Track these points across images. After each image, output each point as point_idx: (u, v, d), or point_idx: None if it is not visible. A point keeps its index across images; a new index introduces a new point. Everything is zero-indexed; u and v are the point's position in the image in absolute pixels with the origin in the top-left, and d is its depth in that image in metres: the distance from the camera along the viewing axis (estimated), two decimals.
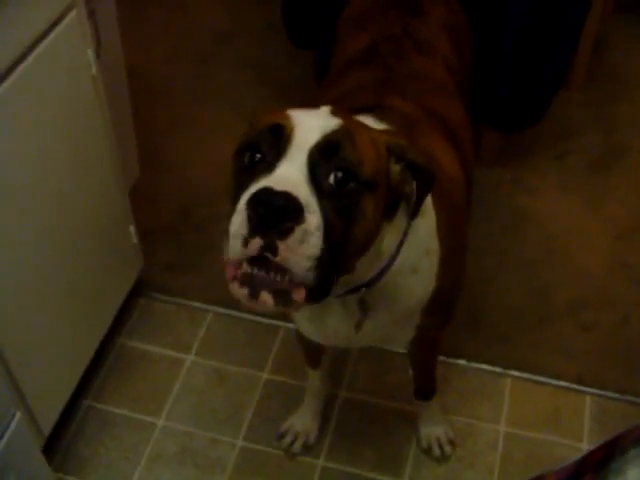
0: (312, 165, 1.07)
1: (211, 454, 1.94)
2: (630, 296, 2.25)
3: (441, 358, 1.94)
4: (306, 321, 1.47)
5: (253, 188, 1.04)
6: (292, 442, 1.94)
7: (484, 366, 2.09)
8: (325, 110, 1.17)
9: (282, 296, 1.06)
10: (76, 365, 1.93)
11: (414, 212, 1.24)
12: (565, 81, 2.64)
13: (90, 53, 1.72)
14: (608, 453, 1.34)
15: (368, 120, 1.27)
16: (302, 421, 1.95)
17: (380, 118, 1.34)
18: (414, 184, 1.21)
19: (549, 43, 2.28)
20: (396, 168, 1.18)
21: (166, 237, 2.42)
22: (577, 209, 2.49)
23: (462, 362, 2.10)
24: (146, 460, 1.93)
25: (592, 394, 2.03)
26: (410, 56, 1.73)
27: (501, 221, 2.45)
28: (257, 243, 1.02)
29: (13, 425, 1.56)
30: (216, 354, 2.14)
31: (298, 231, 1.02)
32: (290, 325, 2.03)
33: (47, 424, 1.80)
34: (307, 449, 1.94)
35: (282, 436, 1.95)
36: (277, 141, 1.09)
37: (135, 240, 2.12)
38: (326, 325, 1.43)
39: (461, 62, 1.87)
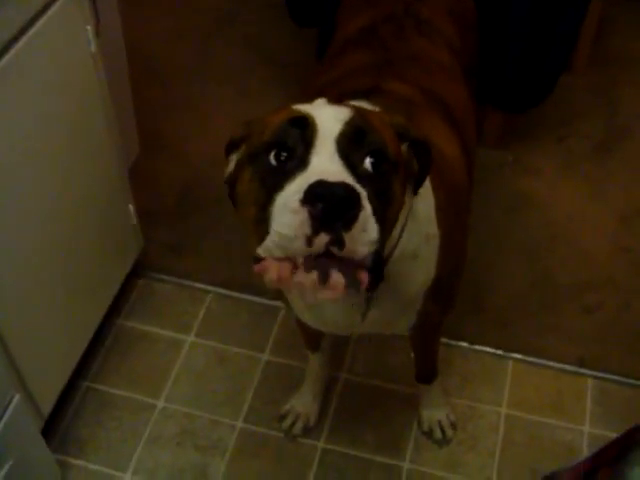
0: (343, 153, 1.04)
1: (211, 436, 1.93)
2: (632, 279, 2.24)
3: (443, 340, 1.93)
4: (306, 311, 1.45)
5: (299, 185, 0.99)
6: (292, 424, 1.93)
7: (486, 348, 2.09)
8: (322, 101, 1.16)
9: (351, 276, 1.01)
10: (75, 346, 1.92)
11: (417, 187, 1.23)
12: (568, 64, 2.63)
13: (89, 30, 1.69)
14: (622, 448, 1.34)
15: (363, 105, 1.24)
16: (303, 403, 1.94)
17: (375, 103, 1.31)
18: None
19: (554, 25, 2.26)
20: (403, 146, 1.17)
21: (166, 218, 2.40)
22: (579, 192, 2.48)
23: (464, 344, 2.09)
24: (145, 441, 1.92)
25: (594, 377, 2.03)
26: (411, 37, 1.70)
27: (503, 204, 2.44)
28: (323, 239, 0.97)
29: (12, 407, 1.56)
30: (216, 335, 2.13)
31: (361, 218, 0.98)
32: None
33: (46, 406, 1.79)
34: (307, 431, 1.94)
35: (282, 418, 1.95)
36: (303, 134, 1.05)
37: (135, 220, 2.11)
38: (326, 314, 1.41)
39: (465, 44, 1.84)
